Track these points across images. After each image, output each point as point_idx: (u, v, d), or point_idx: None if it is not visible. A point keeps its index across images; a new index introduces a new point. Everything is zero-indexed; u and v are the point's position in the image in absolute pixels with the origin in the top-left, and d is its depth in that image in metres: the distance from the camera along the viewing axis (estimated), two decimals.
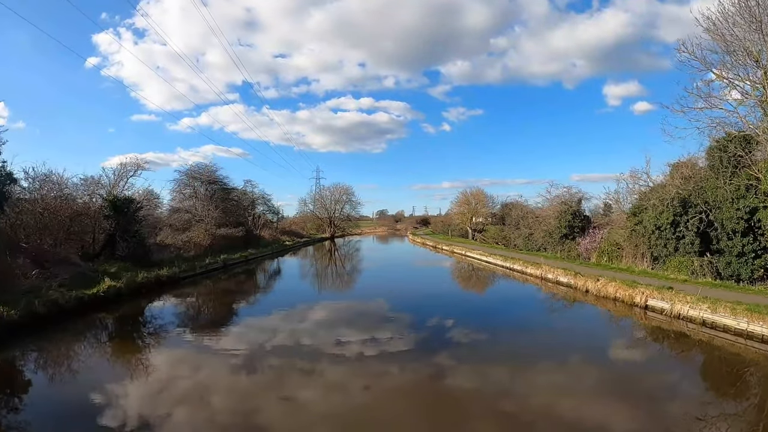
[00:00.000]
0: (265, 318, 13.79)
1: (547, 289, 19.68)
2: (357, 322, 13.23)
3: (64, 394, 7.71)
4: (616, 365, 9.51)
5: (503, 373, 8.63)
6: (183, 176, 35.72)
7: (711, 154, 20.21)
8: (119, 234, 20.99)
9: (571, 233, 34.94)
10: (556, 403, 7.05)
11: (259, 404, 7.19)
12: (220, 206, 37.23)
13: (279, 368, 8.93)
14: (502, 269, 27.15)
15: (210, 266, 23.67)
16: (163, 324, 12.79)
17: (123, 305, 14.75)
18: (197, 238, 25.93)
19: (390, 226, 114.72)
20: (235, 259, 28.05)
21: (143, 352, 10.52)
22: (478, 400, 7.33)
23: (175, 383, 8.13)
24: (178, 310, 15.74)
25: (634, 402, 7.13)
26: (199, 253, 25.53)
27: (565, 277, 19.44)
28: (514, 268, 25.71)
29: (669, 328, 11.94)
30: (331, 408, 7.03)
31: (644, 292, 13.38)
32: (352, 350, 10.03)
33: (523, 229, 41.01)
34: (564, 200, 35.62)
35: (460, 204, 54.05)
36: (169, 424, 6.33)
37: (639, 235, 23.81)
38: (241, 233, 32.03)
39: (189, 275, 21.20)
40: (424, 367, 8.86)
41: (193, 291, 19.72)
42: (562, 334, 11.86)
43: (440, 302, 17.19)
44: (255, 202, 52.95)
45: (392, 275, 27.49)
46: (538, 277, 22.05)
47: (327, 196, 73.88)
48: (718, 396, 7.75)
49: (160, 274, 18.07)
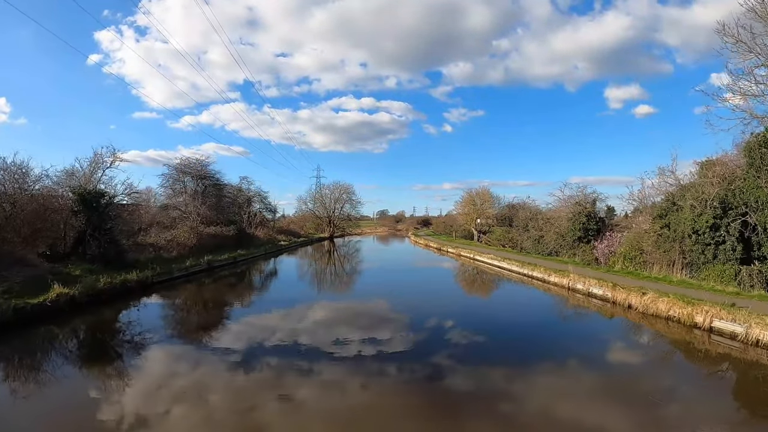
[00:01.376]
0: (238, 349, 10.54)
1: (577, 302, 17.21)
2: (354, 339, 10.95)
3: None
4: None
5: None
6: (172, 171, 33.49)
7: (751, 150, 17.95)
8: (90, 232, 18.75)
9: (585, 236, 32.66)
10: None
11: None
12: (211, 203, 35.17)
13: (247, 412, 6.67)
14: (518, 276, 24.64)
15: (191, 269, 21.38)
16: (107, 348, 10.36)
17: (78, 316, 12.48)
18: (181, 237, 23.68)
19: (391, 226, 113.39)
20: (222, 261, 25.75)
21: (62, 389, 7.78)
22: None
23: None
24: (135, 327, 12.59)
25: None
26: (184, 253, 23.27)
27: (600, 288, 16.75)
28: (533, 275, 23.06)
29: (752, 359, 9.44)
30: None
31: (708, 311, 11.04)
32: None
33: (532, 231, 38.68)
34: (578, 201, 33.31)
35: (465, 204, 51.68)
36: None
37: (669, 240, 21.53)
38: (232, 232, 29.74)
39: (164, 279, 18.89)
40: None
41: (165, 299, 17.28)
42: (622, 373, 9.09)
43: (456, 320, 13.83)
44: (251, 200, 50.78)
45: (398, 282, 23.89)
46: (563, 287, 19.54)
47: (327, 194, 71.67)
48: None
49: (127, 278, 15.76)
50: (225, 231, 29.09)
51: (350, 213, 74.40)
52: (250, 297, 18.72)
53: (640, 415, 6.70)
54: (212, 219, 32.79)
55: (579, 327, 13.95)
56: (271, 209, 54.22)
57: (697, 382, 8.74)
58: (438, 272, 30.81)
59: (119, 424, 6.21)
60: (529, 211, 42.84)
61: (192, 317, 14.30)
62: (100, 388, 7.77)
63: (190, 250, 23.85)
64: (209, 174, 34.62)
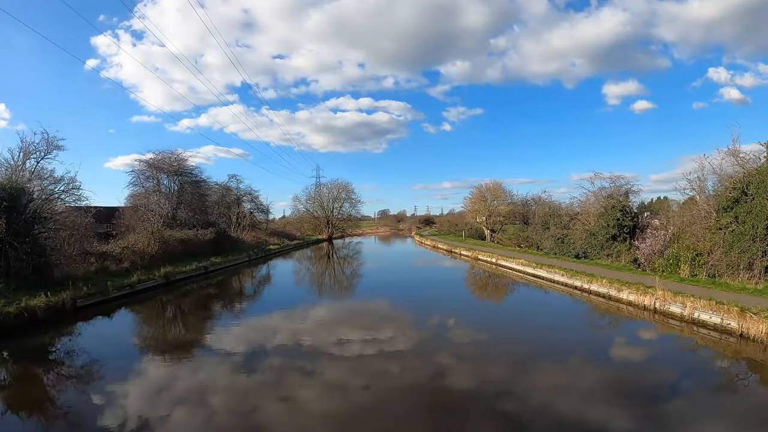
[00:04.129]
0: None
1: (668, 329, 12.27)
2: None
3: None
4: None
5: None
6: (143, 166, 29.19)
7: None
8: (10, 240, 14.49)
9: (620, 234, 28.28)
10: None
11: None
12: (189, 203, 30.95)
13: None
14: (563, 288, 19.33)
15: (138, 285, 16.56)
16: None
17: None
18: (139, 245, 19.38)
19: (392, 226, 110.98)
20: (187, 273, 20.66)
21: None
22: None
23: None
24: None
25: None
26: (143, 264, 18.99)
27: (715, 313, 11.56)
28: (592, 289, 17.48)
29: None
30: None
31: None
32: None
33: (553, 229, 34.24)
34: (610, 193, 28.92)
35: (474, 200, 47.04)
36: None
37: (745, 238, 17.14)
38: (209, 236, 25.41)
39: (96, 302, 14.20)
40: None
41: (73, 339, 11.72)
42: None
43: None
44: (241, 200, 46.54)
45: (418, 307, 16.21)
46: (643, 307, 14.23)
47: (324, 193, 67.24)
48: None
49: (29, 304, 11.31)
50: (200, 235, 24.78)
51: (350, 213, 69.92)
52: (201, 336, 12.42)
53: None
54: (188, 221, 28.59)
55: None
56: (263, 209, 49.98)
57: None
58: (457, 286, 24.38)
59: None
60: (548, 207, 38.40)
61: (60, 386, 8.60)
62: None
63: (150, 259, 19.56)
64: (186, 170, 30.35)
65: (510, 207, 45.25)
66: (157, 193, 29.77)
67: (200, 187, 31.85)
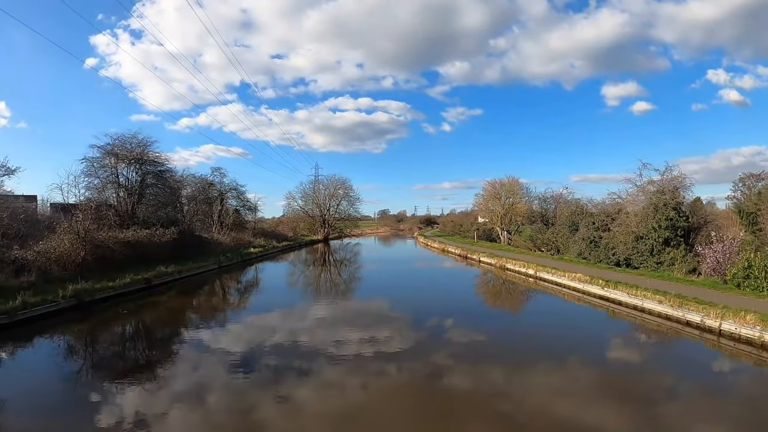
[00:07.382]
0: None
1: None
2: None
3: None
4: None
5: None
6: (99, 152, 24.12)
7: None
8: None
9: (674, 237, 23.31)
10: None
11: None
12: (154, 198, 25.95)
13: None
14: (668, 323, 12.28)
15: (33, 309, 11.30)
16: None
17: None
18: (60, 250, 14.35)
19: (392, 226, 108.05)
20: (115, 289, 14.78)
21: None
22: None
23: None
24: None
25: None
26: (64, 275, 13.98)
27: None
28: (707, 325, 11.25)
29: None
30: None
31: None
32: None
33: (584, 231, 29.23)
34: (660, 188, 23.98)
35: (487, 198, 41.85)
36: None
37: None
38: (168, 237, 20.33)
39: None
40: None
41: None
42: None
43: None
44: (224, 195, 41.48)
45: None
46: (758, 345, 9.63)
47: (321, 190, 62.09)
48: None
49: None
50: (157, 236, 19.71)
51: (348, 211, 64.74)
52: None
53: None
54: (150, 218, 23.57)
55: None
56: (250, 207, 44.90)
57: None
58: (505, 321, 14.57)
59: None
60: (574, 205, 33.41)
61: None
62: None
63: (76, 268, 14.52)
64: (150, 158, 25.27)
65: (528, 205, 40.23)
66: (114, 185, 24.81)
67: (167, 179, 26.78)
